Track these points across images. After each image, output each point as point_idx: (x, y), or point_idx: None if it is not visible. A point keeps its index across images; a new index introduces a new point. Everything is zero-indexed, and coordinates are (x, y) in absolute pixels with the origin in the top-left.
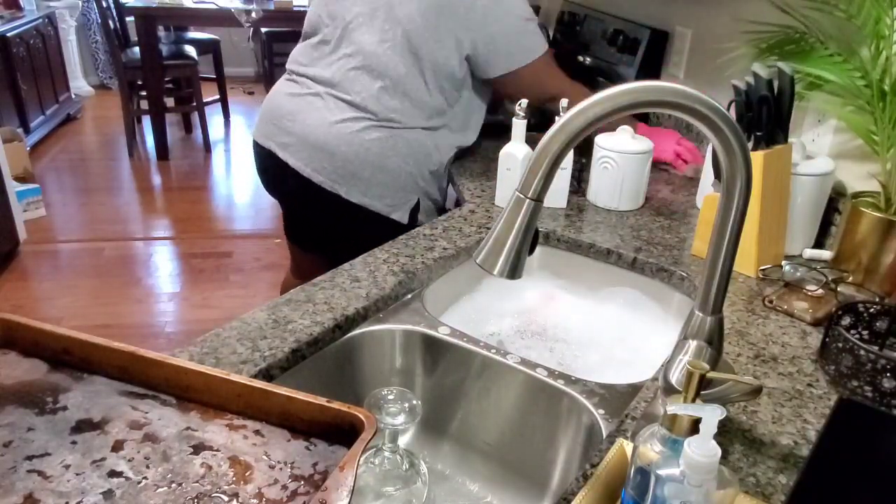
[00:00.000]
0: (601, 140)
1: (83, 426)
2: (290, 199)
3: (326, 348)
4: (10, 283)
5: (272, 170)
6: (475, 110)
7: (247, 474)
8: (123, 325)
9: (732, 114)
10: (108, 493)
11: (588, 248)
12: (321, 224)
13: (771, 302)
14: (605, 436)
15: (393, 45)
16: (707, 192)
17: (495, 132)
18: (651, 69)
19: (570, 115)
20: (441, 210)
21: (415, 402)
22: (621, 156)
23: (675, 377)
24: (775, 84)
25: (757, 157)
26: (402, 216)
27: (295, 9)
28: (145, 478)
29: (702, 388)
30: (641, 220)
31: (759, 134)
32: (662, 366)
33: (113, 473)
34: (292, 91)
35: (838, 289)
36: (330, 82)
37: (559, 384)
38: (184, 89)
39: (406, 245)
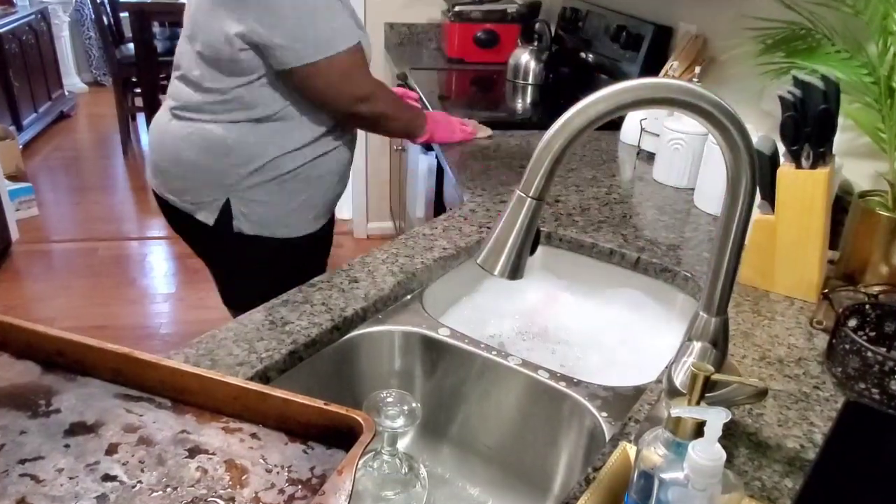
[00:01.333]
0: (669, 123)
1: (77, 429)
2: None
3: (324, 350)
4: (2, 284)
5: None
6: (289, 103)
7: (243, 478)
8: (118, 327)
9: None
10: (102, 498)
11: (591, 249)
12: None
13: (820, 324)
14: (607, 439)
15: (185, 30)
16: (705, 190)
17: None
18: (655, 66)
19: (572, 113)
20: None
21: (414, 404)
22: (691, 136)
23: (680, 379)
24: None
25: (820, 177)
26: (206, 217)
27: None
28: (140, 482)
29: (706, 390)
30: (644, 219)
31: (821, 150)
32: (666, 368)
33: (107, 477)
34: None
35: (844, 290)
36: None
37: (561, 386)
38: None
39: (405, 245)
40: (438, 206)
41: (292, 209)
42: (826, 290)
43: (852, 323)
